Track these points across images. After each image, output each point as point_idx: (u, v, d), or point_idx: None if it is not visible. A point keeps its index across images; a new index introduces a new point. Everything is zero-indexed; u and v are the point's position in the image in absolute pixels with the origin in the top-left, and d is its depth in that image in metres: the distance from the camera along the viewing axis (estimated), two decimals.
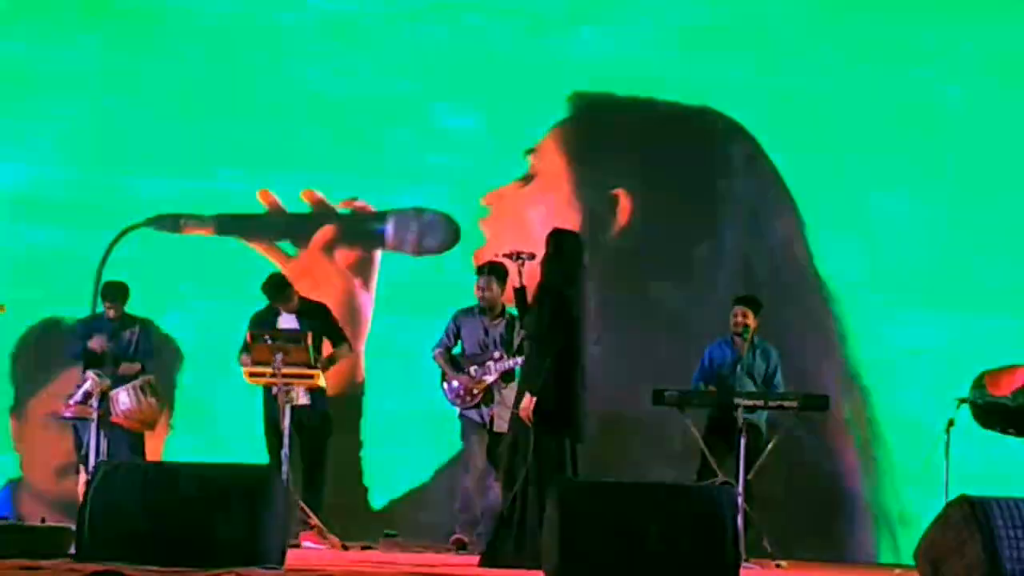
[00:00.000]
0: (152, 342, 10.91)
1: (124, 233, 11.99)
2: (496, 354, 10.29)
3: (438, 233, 11.96)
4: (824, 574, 9.92)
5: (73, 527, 7.39)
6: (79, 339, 10.75)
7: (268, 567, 7.07)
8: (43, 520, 9.04)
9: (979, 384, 9.19)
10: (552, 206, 11.88)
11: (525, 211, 11.89)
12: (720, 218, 11.87)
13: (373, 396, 11.77)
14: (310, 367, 10.04)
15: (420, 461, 11.53)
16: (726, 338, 10.54)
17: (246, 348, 10.27)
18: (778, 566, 10.03)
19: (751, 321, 10.40)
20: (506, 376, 10.22)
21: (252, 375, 10.14)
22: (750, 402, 10.05)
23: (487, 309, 10.37)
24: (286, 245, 12.02)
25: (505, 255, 9.20)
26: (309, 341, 10.00)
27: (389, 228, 11.99)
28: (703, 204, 11.88)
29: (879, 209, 11.63)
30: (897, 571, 9.83)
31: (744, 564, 8.16)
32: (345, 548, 9.96)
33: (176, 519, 7.10)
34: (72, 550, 7.47)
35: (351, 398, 11.70)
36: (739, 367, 10.28)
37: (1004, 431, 9.16)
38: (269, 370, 9.96)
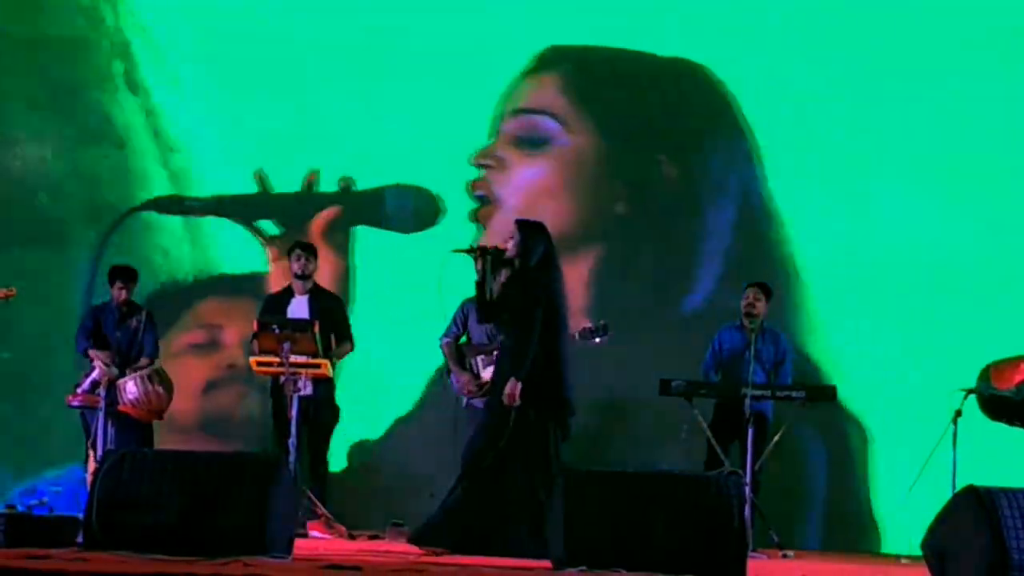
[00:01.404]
0: (156, 330, 10.91)
1: (125, 216, 12.04)
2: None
3: (430, 209, 12.01)
4: (830, 565, 9.92)
5: (81, 515, 7.42)
6: (86, 331, 10.74)
7: (275, 556, 7.08)
8: (52, 511, 9.07)
9: (985, 376, 9.19)
10: (554, 166, 11.93)
11: (524, 171, 11.92)
12: (711, 173, 11.88)
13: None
14: (317, 356, 10.03)
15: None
16: (736, 323, 10.54)
17: (254, 337, 10.27)
18: (785, 556, 10.04)
19: (762, 305, 10.40)
20: None
21: (259, 364, 10.13)
22: (758, 392, 10.04)
23: None
24: (267, 225, 12.14)
25: (465, 251, 9.14)
26: (316, 330, 9.99)
27: (391, 206, 12.02)
28: (697, 157, 11.89)
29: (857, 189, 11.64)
30: (904, 561, 9.83)
31: (751, 554, 8.16)
32: (352, 537, 9.97)
33: (183, 508, 7.12)
34: (79, 539, 7.49)
35: None
36: (748, 353, 10.25)
37: (1011, 423, 9.15)
38: (276, 359, 9.96)
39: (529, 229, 8.91)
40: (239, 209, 12.15)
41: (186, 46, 12.19)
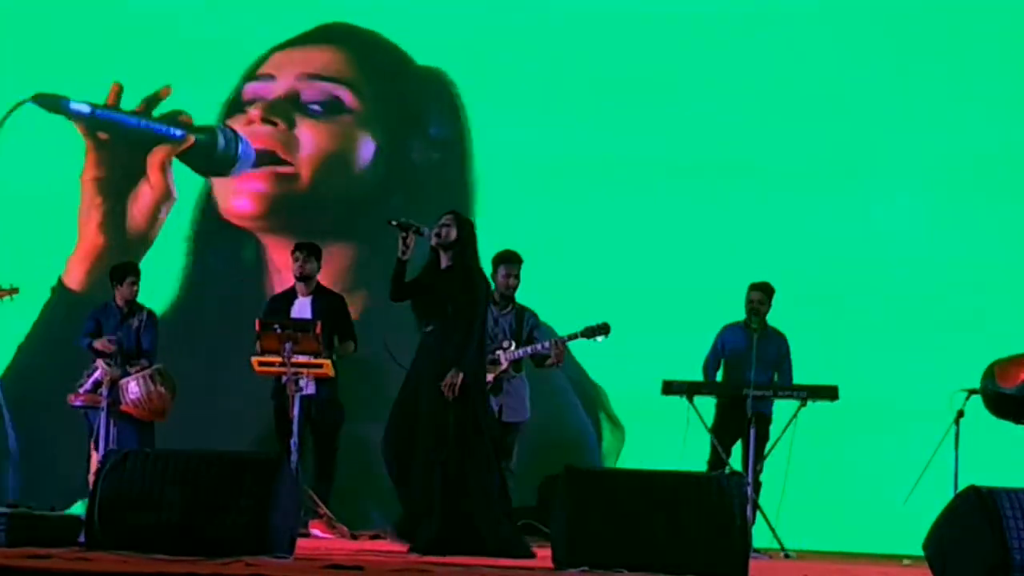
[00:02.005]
0: (157, 330, 10.91)
1: (13, 109, 12.12)
2: (506, 344, 10.28)
3: (249, 152, 12.23)
4: (832, 565, 9.91)
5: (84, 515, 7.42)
6: (88, 332, 10.75)
7: (277, 556, 7.09)
8: (52, 508, 9.07)
9: (989, 374, 9.19)
10: (350, 135, 12.15)
11: (316, 135, 12.11)
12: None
13: None
14: (319, 356, 10.03)
15: None
16: (739, 322, 10.54)
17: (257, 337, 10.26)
18: (786, 556, 10.04)
19: (765, 306, 10.40)
20: (515, 365, 10.23)
21: (261, 364, 10.12)
22: (759, 392, 10.04)
23: (503, 299, 10.31)
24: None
25: (396, 223, 9.03)
26: (319, 330, 9.98)
27: (221, 145, 12.16)
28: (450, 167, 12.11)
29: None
30: (906, 562, 9.83)
31: (752, 554, 8.16)
32: (354, 537, 9.97)
33: (185, 508, 7.12)
34: (81, 538, 7.50)
35: None
36: (750, 353, 10.26)
37: (1017, 421, 9.16)
38: (278, 359, 9.95)
39: (466, 224, 8.88)
40: (107, 124, 12.23)
41: None
